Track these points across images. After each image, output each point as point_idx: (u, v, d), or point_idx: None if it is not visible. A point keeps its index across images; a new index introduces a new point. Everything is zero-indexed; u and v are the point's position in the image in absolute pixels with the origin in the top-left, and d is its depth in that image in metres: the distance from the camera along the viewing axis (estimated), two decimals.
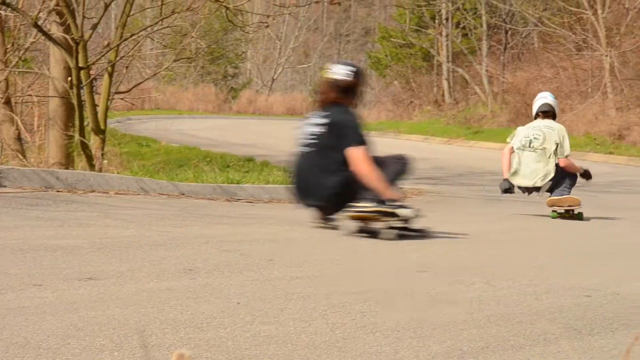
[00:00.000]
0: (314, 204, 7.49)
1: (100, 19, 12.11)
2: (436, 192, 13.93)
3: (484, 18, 36.97)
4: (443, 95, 40.82)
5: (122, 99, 16.07)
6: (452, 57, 40.01)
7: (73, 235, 6.00)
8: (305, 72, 67.12)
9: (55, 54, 13.02)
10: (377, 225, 7.13)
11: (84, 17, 11.20)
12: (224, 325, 3.78)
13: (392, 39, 44.84)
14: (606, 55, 28.02)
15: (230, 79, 54.46)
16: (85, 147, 11.46)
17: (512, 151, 10.80)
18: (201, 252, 5.70)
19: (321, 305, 4.33)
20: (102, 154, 11.78)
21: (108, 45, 12.78)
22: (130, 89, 15.04)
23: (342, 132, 7.29)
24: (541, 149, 10.59)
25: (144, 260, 5.19)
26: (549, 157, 10.57)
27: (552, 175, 10.58)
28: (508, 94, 34.74)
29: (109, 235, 6.16)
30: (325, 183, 7.35)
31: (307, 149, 7.57)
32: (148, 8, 20.30)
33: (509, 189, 10.81)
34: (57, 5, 12.26)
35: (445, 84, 40.47)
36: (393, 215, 7.13)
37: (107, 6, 11.65)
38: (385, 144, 25.05)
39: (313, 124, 7.61)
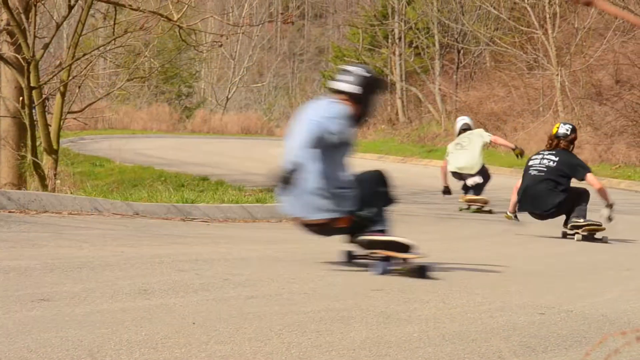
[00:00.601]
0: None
1: (52, 38, 12.05)
2: (391, 210, 13.96)
3: (436, 37, 37.25)
4: (397, 114, 41.01)
5: (75, 118, 15.97)
6: (406, 76, 40.24)
7: (26, 256, 5.94)
8: (259, 91, 67.12)
9: (7, 74, 12.92)
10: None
11: (35, 36, 11.14)
12: (179, 346, 3.76)
13: (345, 58, 45.01)
14: (557, 75, 28.35)
15: (184, 98, 54.34)
16: (37, 167, 11.37)
17: (446, 164, 14.40)
18: (156, 272, 5.67)
19: (277, 325, 4.33)
20: (55, 174, 11.69)
21: (60, 64, 12.71)
22: (83, 109, 14.95)
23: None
24: (469, 146, 14.18)
25: (98, 281, 5.15)
26: (477, 148, 14.12)
27: (479, 165, 14.16)
28: (461, 113, 34.97)
29: (62, 255, 6.11)
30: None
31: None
32: (100, 27, 20.19)
33: (447, 191, 14.56)
34: (8, 24, 12.18)
35: (399, 102, 40.68)
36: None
37: (58, 26, 11.59)
38: None
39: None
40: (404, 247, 6.36)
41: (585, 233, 10.59)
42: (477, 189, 14.15)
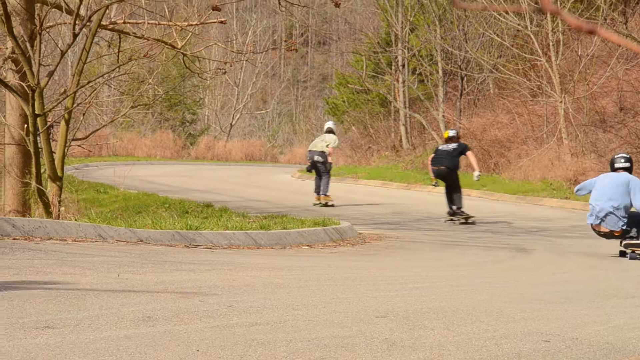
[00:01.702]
0: None
1: (57, 66, 12.09)
2: (395, 236, 13.98)
3: (440, 64, 37.35)
4: (401, 140, 41.06)
5: (79, 145, 16.02)
6: (409, 102, 40.33)
7: (30, 283, 5.94)
8: (263, 118, 67.31)
9: (12, 101, 12.98)
10: None
11: (40, 64, 11.18)
12: None
13: (349, 85, 45.14)
14: (560, 102, 28.39)
15: (188, 125, 54.46)
16: (42, 194, 11.38)
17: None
18: (160, 299, 5.66)
19: (281, 352, 4.32)
20: (60, 201, 11.70)
21: (65, 92, 12.75)
22: (88, 136, 15.00)
23: None
24: (321, 143, 20.73)
25: (102, 308, 5.15)
26: (325, 145, 20.57)
27: (324, 155, 20.50)
28: (465, 140, 35.03)
29: (67, 283, 6.11)
30: None
31: None
32: (105, 55, 20.30)
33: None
34: (13, 53, 12.25)
35: (402, 129, 40.74)
36: None
37: (63, 54, 11.64)
38: (343, 189, 25.15)
39: None
40: None
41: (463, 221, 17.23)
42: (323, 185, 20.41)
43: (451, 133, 18.12)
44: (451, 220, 17.26)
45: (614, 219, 11.77)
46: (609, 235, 11.95)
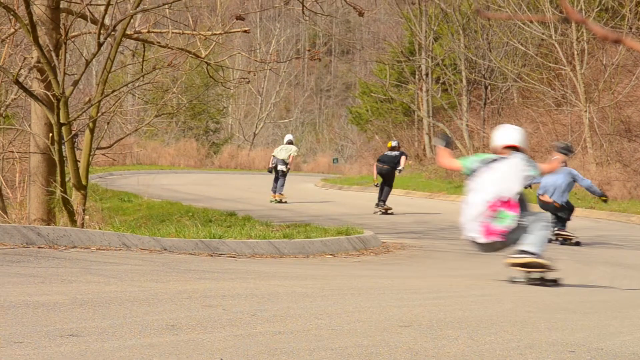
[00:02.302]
0: None
1: (82, 75, 12.15)
2: (419, 246, 13.94)
3: (463, 74, 37.30)
4: (424, 149, 41.02)
5: (103, 154, 16.10)
6: (433, 112, 40.30)
7: (54, 292, 5.96)
8: (286, 126, 67.38)
9: (37, 111, 13.05)
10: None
11: (65, 73, 11.24)
12: None
13: (372, 94, 45.16)
14: (585, 111, 28.28)
15: (211, 134, 54.63)
16: (66, 202, 11.43)
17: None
18: (183, 308, 5.67)
19: None
20: (84, 210, 11.75)
21: (89, 101, 12.82)
22: (112, 145, 15.07)
23: None
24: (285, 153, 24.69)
25: (126, 316, 5.16)
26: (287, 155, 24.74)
27: (285, 163, 24.70)
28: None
29: (91, 291, 6.13)
30: None
31: None
32: (129, 64, 20.41)
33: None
34: (38, 62, 12.32)
35: (426, 138, 40.70)
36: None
37: (88, 63, 11.70)
38: (367, 198, 25.14)
39: None
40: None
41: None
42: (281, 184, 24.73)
43: (394, 143, 23.26)
44: (376, 212, 22.15)
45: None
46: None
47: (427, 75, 39.65)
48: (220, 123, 56.91)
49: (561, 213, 15.61)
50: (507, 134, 9.13)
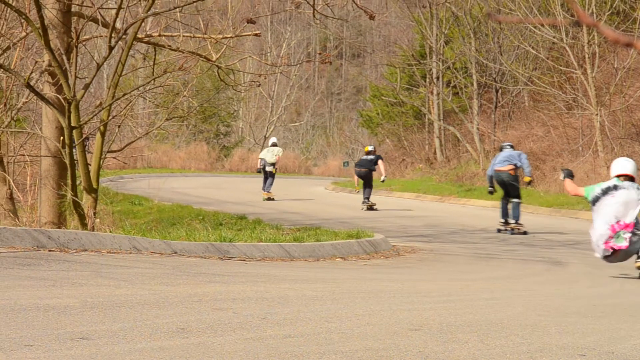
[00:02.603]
0: None
1: (93, 78, 12.18)
2: (429, 249, 13.93)
3: (474, 77, 37.27)
4: (435, 153, 40.97)
5: (114, 157, 16.13)
6: (444, 115, 40.26)
7: (65, 295, 5.97)
8: (297, 130, 67.42)
9: (48, 114, 13.08)
10: None
11: (76, 77, 11.26)
12: None
13: (383, 97, 45.13)
14: (596, 114, 28.22)
15: (222, 137, 54.69)
16: (77, 206, 11.45)
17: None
18: (194, 311, 5.68)
19: None
20: (95, 213, 11.77)
21: (100, 104, 12.84)
22: (123, 148, 15.09)
23: None
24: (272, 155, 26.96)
25: (137, 320, 5.17)
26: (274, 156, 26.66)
27: (273, 164, 26.60)
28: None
29: (102, 294, 6.14)
30: None
31: None
32: (140, 68, 20.43)
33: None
34: (50, 65, 12.35)
35: (437, 142, 40.66)
36: None
37: (99, 66, 11.72)
38: (377, 202, 25.12)
39: None
40: None
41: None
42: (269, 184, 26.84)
43: (370, 148, 24.80)
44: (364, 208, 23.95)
45: None
46: None
47: (437, 78, 39.61)
48: (231, 126, 56.96)
49: None
50: (622, 165, 10.96)
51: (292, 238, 12.00)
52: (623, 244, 10.57)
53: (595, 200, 10.77)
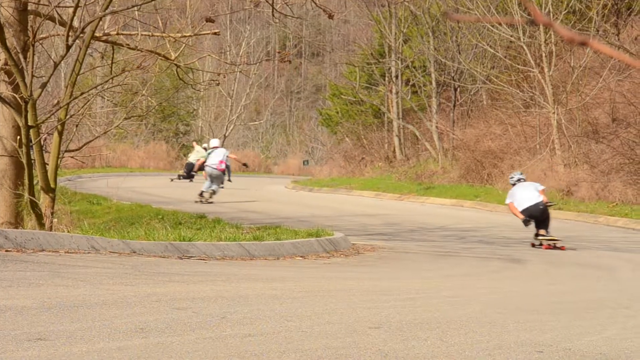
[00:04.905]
0: None
1: (50, 77, 12.09)
2: (389, 247, 13.97)
3: (433, 76, 37.42)
4: (394, 151, 41.10)
5: (72, 157, 15.99)
6: (403, 114, 40.39)
7: (22, 295, 5.92)
8: (257, 129, 67.29)
9: (4, 113, 12.95)
10: None
11: (33, 76, 11.17)
12: None
13: (342, 96, 45.20)
14: (553, 113, 28.44)
15: (181, 136, 54.47)
16: (34, 205, 11.36)
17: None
18: (153, 311, 5.65)
19: None
20: (52, 213, 11.68)
21: (58, 103, 12.74)
22: (81, 147, 14.96)
23: None
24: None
25: (95, 320, 5.14)
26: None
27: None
28: (458, 150, 35.10)
29: (59, 294, 6.09)
30: None
31: None
32: (98, 67, 20.30)
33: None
34: (6, 64, 12.23)
35: (396, 140, 40.78)
36: None
37: (56, 65, 11.63)
38: (337, 200, 25.17)
39: None
40: None
41: None
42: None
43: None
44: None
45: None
46: None
47: (396, 77, 39.73)
48: (191, 125, 56.73)
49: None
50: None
51: (252, 237, 11.98)
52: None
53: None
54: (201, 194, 24.33)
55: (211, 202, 24.00)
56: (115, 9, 13.01)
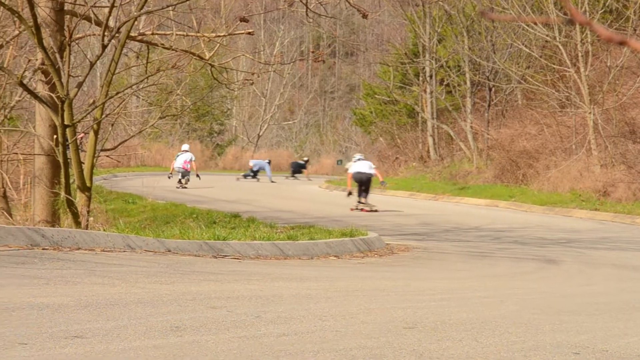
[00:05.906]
0: None
1: (86, 77, 12.15)
2: (423, 247, 13.93)
3: (467, 75, 37.27)
4: (428, 151, 40.99)
5: (107, 156, 16.08)
6: (437, 113, 40.26)
7: (59, 293, 5.97)
8: (290, 128, 67.37)
9: (41, 112, 13.06)
10: None
11: (69, 75, 11.24)
12: None
13: (376, 96, 45.14)
14: (589, 113, 28.24)
15: (215, 135, 54.66)
16: (71, 204, 11.43)
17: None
18: (188, 309, 5.67)
19: None
20: (88, 211, 11.75)
21: (93, 103, 12.82)
22: (116, 146, 15.05)
23: None
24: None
25: (131, 318, 5.17)
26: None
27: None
28: (493, 150, 34.95)
29: (95, 292, 6.13)
30: None
31: None
32: (133, 66, 20.41)
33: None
34: (43, 64, 12.33)
35: (430, 140, 40.67)
36: None
37: (92, 65, 11.70)
38: (372, 200, 25.11)
39: None
40: None
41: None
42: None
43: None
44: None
45: None
46: None
47: (431, 77, 39.62)
48: (225, 125, 56.93)
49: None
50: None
51: (286, 236, 11.99)
52: None
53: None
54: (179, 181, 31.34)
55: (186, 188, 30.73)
56: (150, 9, 13.07)
